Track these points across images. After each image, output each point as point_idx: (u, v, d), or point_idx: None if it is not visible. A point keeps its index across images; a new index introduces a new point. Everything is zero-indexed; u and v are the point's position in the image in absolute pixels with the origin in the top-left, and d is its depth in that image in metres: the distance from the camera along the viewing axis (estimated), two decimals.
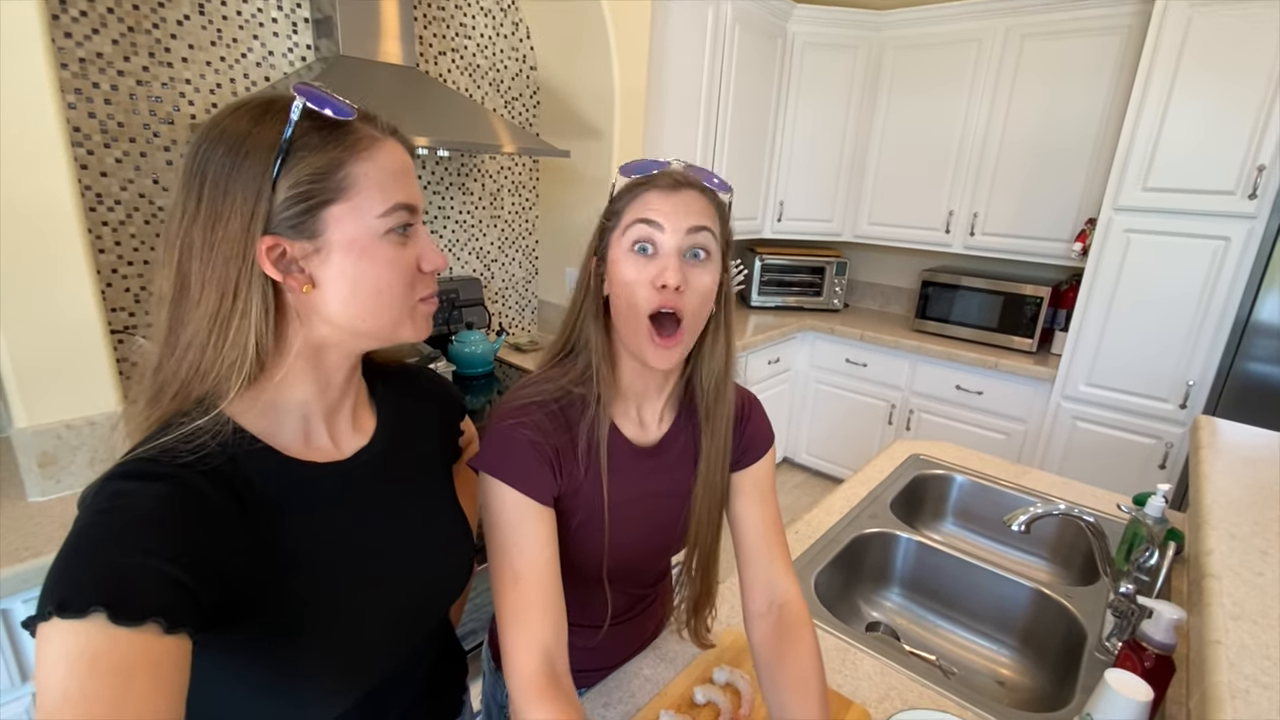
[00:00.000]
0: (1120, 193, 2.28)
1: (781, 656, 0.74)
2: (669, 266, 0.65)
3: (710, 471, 0.78)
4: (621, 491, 0.74)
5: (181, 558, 0.44)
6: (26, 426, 1.13)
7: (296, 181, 0.50)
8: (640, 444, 0.77)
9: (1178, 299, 2.24)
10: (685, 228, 0.66)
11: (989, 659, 1.21)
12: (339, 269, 0.53)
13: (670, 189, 0.68)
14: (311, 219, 0.51)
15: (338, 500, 0.60)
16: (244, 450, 0.54)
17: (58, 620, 0.39)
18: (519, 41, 2.23)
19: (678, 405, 0.81)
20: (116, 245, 1.47)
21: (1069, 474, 2.48)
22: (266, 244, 0.50)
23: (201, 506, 0.48)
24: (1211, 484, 1.09)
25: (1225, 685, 0.64)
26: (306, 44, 1.69)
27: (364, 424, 0.65)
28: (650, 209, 0.67)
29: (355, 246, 0.53)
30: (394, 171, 0.54)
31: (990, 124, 2.71)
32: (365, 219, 0.53)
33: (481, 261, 2.35)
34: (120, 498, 0.46)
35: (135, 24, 1.41)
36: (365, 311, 0.55)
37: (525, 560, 0.66)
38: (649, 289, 0.66)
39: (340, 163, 0.52)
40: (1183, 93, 2.12)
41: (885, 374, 2.97)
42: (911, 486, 1.53)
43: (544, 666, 0.63)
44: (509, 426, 0.69)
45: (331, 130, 0.52)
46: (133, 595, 0.41)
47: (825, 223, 3.20)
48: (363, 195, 0.52)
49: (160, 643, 0.41)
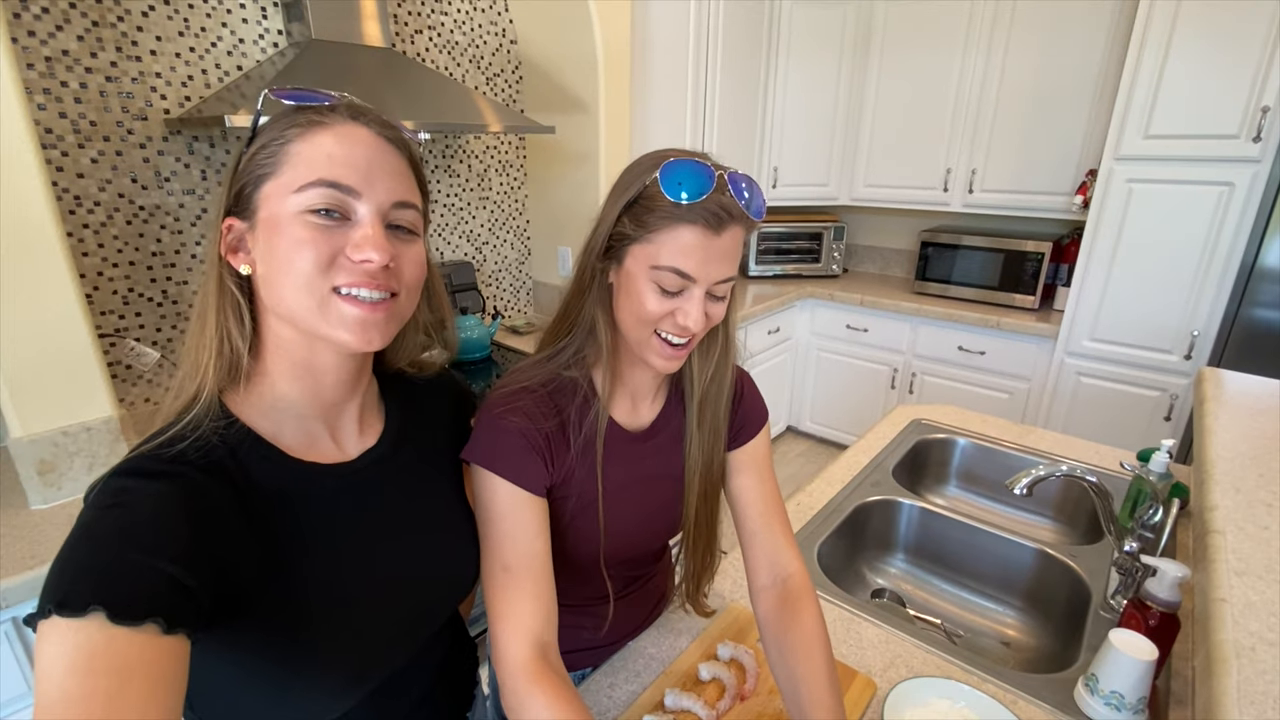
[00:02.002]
0: (1121, 142, 2.22)
1: (786, 627, 0.74)
2: (693, 314, 0.63)
3: (706, 452, 0.77)
4: (615, 477, 0.74)
5: (182, 558, 0.44)
6: (23, 436, 1.13)
7: (249, 159, 0.52)
8: (631, 428, 0.77)
9: (1181, 248, 2.20)
10: (717, 278, 0.63)
11: (994, 620, 1.21)
12: (262, 247, 0.51)
13: (714, 230, 0.61)
14: (251, 196, 0.52)
15: (340, 502, 0.59)
16: (248, 448, 0.54)
17: (57, 618, 0.40)
18: (497, 15, 2.16)
19: (669, 388, 0.80)
20: (100, 248, 1.45)
21: (1074, 430, 2.48)
22: (225, 225, 0.53)
23: (203, 505, 0.48)
24: (1216, 438, 1.08)
25: (1230, 644, 0.64)
26: (278, 29, 1.64)
27: (373, 426, 0.65)
28: (687, 259, 0.61)
29: (270, 222, 0.51)
30: (332, 152, 0.50)
31: (986, 77, 2.64)
32: (285, 195, 0.50)
33: (473, 244, 2.32)
34: (123, 494, 0.46)
35: (99, 18, 1.37)
36: (280, 295, 0.51)
37: (516, 551, 0.65)
38: (669, 321, 0.64)
39: (283, 140, 0.51)
40: (1184, 34, 2.05)
41: (886, 338, 2.94)
42: (914, 452, 1.52)
43: (535, 652, 0.62)
44: (498, 415, 0.68)
45: (299, 112, 0.52)
46: (132, 595, 0.41)
47: (821, 187, 3.15)
48: (291, 172, 0.50)
49: (159, 643, 0.41)
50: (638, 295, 0.64)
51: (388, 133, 0.54)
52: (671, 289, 0.63)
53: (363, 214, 0.51)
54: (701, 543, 0.82)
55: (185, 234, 1.58)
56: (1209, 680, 0.62)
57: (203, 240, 1.61)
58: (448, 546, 0.68)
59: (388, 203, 0.52)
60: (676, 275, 0.62)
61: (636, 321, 0.66)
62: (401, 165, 0.54)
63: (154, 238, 1.53)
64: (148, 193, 1.50)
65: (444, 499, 0.70)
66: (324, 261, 0.50)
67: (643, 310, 0.64)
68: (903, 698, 0.79)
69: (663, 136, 2.47)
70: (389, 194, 0.52)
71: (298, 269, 0.50)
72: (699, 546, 0.83)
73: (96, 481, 0.48)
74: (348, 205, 0.51)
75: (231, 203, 0.53)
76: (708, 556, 0.84)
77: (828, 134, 3.06)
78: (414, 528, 0.65)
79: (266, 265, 0.51)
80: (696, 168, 0.61)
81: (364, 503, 0.61)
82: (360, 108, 0.54)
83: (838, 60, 2.94)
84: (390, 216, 0.53)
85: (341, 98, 0.54)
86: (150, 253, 1.53)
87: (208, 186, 1.60)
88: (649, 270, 0.63)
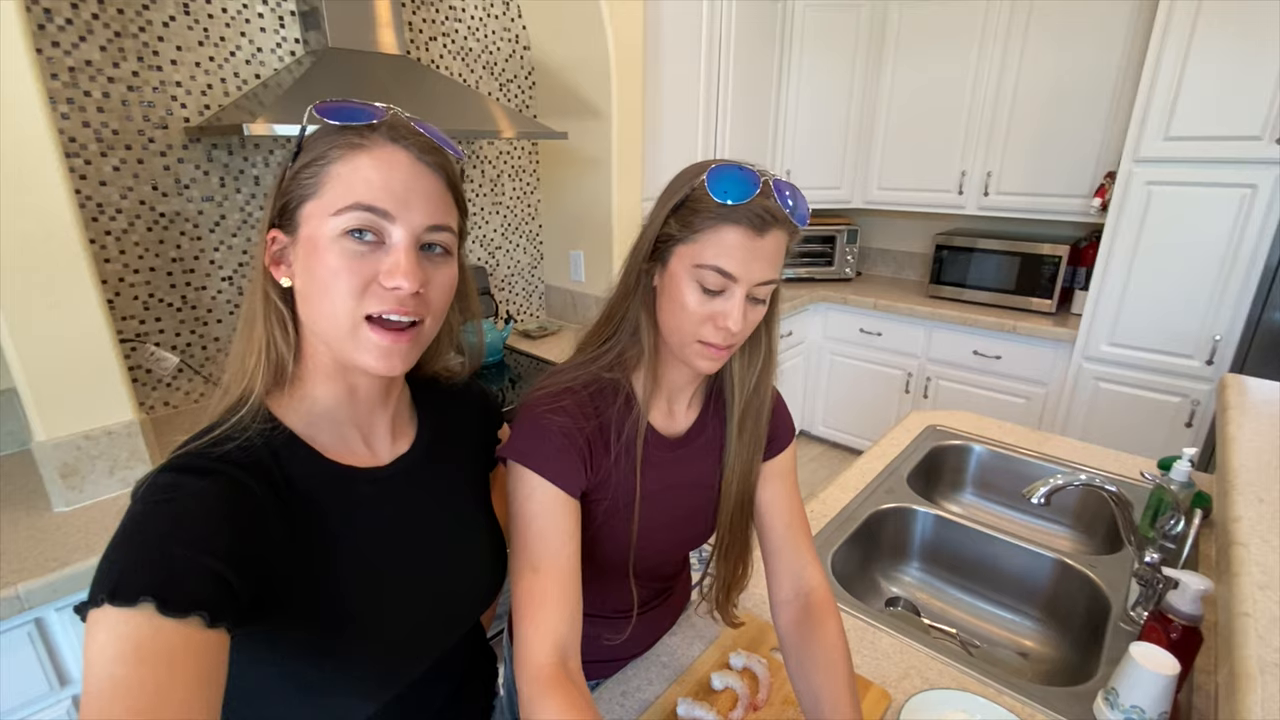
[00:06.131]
0: (1141, 144, 2.19)
1: (808, 641, 0.74)
2: (733, 316, 0.64)
3: (744, 462, 0.77)
4: (649, 483, 0.74)
5: (225, 555, 0.46)
6: (46, 440, 1.15)
7: (293, 176, 0.53)
8: (667, 434, 0.77)
9: (1203, 251, 2.16)
10: (758, 280, 0.64)
11: (1011, 631, 1.20)
12: (301, 264, 0.53)
13: (757, 230, 0.62)
14: (295, 212, 0.53)
15: (372, 505, 0.60)
16: (288, 451, 0.56)
17: (109, 607, 0.41)
18: (510, 21, 2.18)
19: (705, 395, 0.80)
20: (121, 254, 1.48)
21: (1092, 437, 2.44)
22: (270, 236, 0.55)
23: (246, 505, 0.50)
24: (1239, 446, 1.06)
25: (1254, 660, 0.62)
26: (295, 38, 1.67)
27: (404, 433, 0.66)
28: (729, 256, 0.62)
29: (309, 242, 0.52)
30: (370, 177, 0.51)
31: (1003, 78, 2.61)
32: (324, 217, 0.51)
33: (485, 249, 2.34)
34: (173, 490, 0.48)
35: (122, 28, 1.40)
36: (315, 316, 0.54)
37: (547, 551, 0.65)
38: (709, 325, 0.65)
39: (326, 160, 0.52)
40: (1205, 33, 2.02)
41: (900, 342, 2.92)
42: (929, 458, 1.50)
43: (555, 658, 0.62)
44: (541, 413, 0.68)
45: (340, 133, 0.53)
46: (180, 588, 0.42)
47: (834, 190, 3.13)
48: (331, 194, 0.51)
49: (202, 635, 0.42)
50: (680, 295, 0.65)
51: (426, 157, 0.54)
52: (713, 288, 0.64)
53: (396, 239, 0.52)
54: (734, 552, 0.82)
55: (204, 240, 1.60)
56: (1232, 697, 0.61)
57: (221, 247, 1.63)
58: (474, 555, 0.69)
59: (421, 226, 0.53)
60: (719, 274, 0.63)
61: (678, 322, 0.66)
62: (439, 187, 0.55)
63: (174, 244, 1.56)
64: (168, 200, 1.53)
65: (471, 508, 0.71)
66: (358, 289, 0.52)
67: (684, 310, 0.65)
68: (918, 710, 0.78)
69: (675, 140, 2.47)
70: (424, 218, 0.53)
71: (333, 296, 0.52)
72: (731, 556, 0.82)
73: (145, 478, 0.49)
74: (382, 229, 0.52)
75: (276, 215, 0.55)
76: (740, 566, 0.84)
77: (841, 136, 3.04)
78: (442, 534, 0.65)
79: (305, 284, 0.53)
80: (743, 173, 0.63)
81: (395, 507, 0.62)
82: (401, 128, 0.54)
83: (851, 62, 2.92)
84: (424, 238, 0.54)
85: (388, 110, 0.54)
86: (170, 259, 1.56)
87: (226, 194, 1.62)
88: (692, 269, 0.64)
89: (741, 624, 0.90)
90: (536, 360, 2.09)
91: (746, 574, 0.85)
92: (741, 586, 0.85)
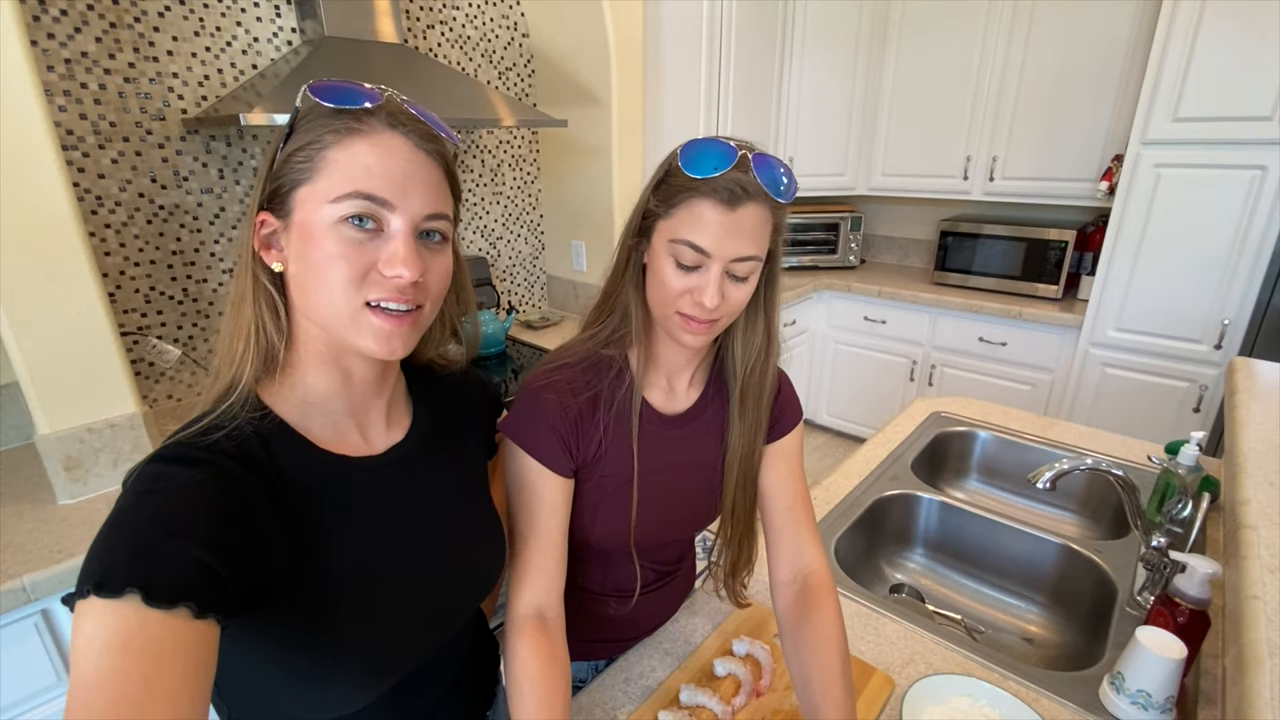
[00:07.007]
0: (1149, 126, 2.16)
1: (804, 624, 0.74)
2: (709, 291, 0.63)
3: (746, 442, 0.77)
4: (648, 460, 0.75)
5: (214, 545, 0.45)
6: (49, 432, 1.16)
7: (285, 159, 0.52)
8: (667, 413, 0.77)
9: (1212, 234, 2.13)
10: (732, 256, 0.63)
11: (1016, 617, 1.19)
12: (295, 250, 0.52)
13: (729, 204, 0.61)
14: (287, 196, 0.52)
15: (367, 494, 0.60)
16: (279, 439, 0.55)
17: (95, 599, 0.40)
18: (509, 9, 2.15)
19: (708, 376, 0.80)
20: (121, 247, 1.48)
21: (1099, 422, 2.42)
22: (259, 219, 0.53)
23: (236, 494, 0.49)
24: (1248, 429, 1.05)
25: (1263, 642, 0.62)
26: (291, 27, 1.65)
27: (400, 422, 0.65)
28: (702, 231, 0.62)
29: (304, 228, 0.51)
30: (369, 164, 0.50)
31: (1008, 62, 2.58)
32: (320, 203, 0.51)
33: (487, 240, 2.33)
34: (160, 480, 0.47)
35: (117, 19, 1.39)
36: (313, 303, 0.53)
37: (533, 521, 0.70)
38: (687, 298, 0.65)
39: (321, 145, 0.51)
40: (1214, 13, 1.98)
41: (905, 330, 2.90)
42: (933, 445, 1.50)
43: (533, 612, 0.69)
44: (536, 389, 0.71)
45: (335, 116, 0.51)
46: (167, 579, 0.42)
47: (838, 177, 3.11)
48: (327, 181, 0.50)
49: (190, 626, 0.42)
50: (660, 270, 0.66)
51: (425, 145, 0.54)
52: (688, 263, 0.63)
53: (396, 227, 0.52)
54: (739, 533, 0.82)
55: (204, 232, 1.60)
56: (1240, 680, 0.60)
57: (221, 239, 1.63)
58: (471, 543, 0.68)
59: (420, 215, 0.53)
60: (692, 249, 0.63)
61: (659, 296, 0.67)
62: (436, 175, 0.55)
63: (174, 236, 1.55)
64: (167, 192, 1.52)
65: (468, 496, 0.70)
66: (358, 277, 0.51)
67: (664, 285, 0.65)
68: (922, 695, 0.78)
69: (676, 127, 2.45)
70: (423, 206, 0.53)
71: (332, 283, 0.51)
72: (736, 536, 0.83)
73: (134, 468, 0.49)
74: (382, 217, 0.51)
75: (266, 198, 0.54)
76: (745, 546, 0.84)
77: (844, 122, 3.01)
78: (438, 523, 0.65)
79: (300, 270, 0.52)
80: (716, 145, 0.62)
81: (389, 496, 0.61)
82: (400, 114, 0.53)
83: (854, 47, 2.89)
84: (422, 226, 0.54)
85: (383, 93, 0.54)
86: (170, 251, 1.55)
87: (225, 185, 1.61)
88: (669, 244, 0.64)
89: (749, 604, 0.90)
90: (539, 351, 2.09)
91: (752, 557, 0.85)
92: (748, 569, 0.86)
